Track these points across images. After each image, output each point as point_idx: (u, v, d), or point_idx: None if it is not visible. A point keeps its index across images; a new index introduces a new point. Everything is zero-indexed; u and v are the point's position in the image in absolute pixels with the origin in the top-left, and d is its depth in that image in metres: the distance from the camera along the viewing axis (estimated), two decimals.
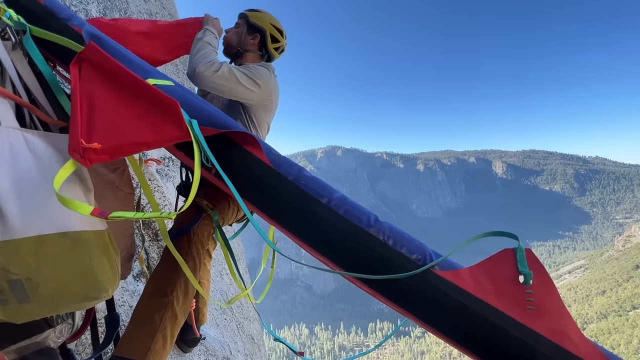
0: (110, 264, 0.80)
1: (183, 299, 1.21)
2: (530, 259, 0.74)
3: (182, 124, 0.80)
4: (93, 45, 0.83)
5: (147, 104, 0.81)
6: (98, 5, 2.48)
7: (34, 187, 0.68)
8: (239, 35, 1.76)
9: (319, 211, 0.85)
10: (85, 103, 0.78)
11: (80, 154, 0.71)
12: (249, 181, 0.89)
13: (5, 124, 0.69)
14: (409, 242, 0.83)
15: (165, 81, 0.97)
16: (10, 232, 0.64)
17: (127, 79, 0.83)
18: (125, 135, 0.78)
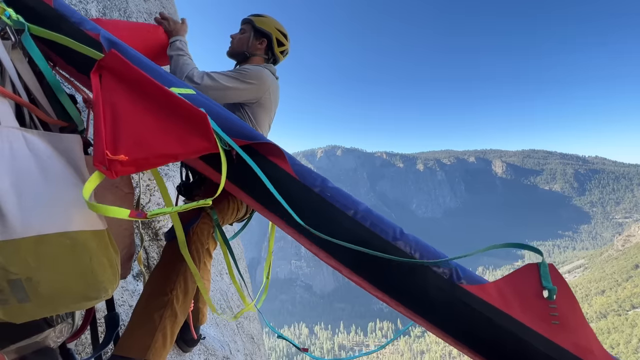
0: (110, 264, 0.80)
1: (183, 298, 1.21)
2: (554, 274, 0.74)
3: (210, 136, 0.79)
4: (115, 53, 0.82)
5: (174, 114, 0.80)
6: (97, 5, 2.48)
7: (34, 187, 0.68)
8: (245, 41, 1.80)
9: (346, 224, 0.84)
10: (109, 113, 0.77)
11: (106, 165, 0.71)
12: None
13: (5, 124, 0.69)
14: (434, 254, 0.84)
15: (188, 90, 0.96)
16: (10, 231, 0.64)
17: (152, 88, 0.82)
18: (152, 147, 0.77)
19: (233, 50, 1.83)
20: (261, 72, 1.64)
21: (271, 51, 1.84)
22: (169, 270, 1.22)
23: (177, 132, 0.79)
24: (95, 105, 0.77)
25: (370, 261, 0.83)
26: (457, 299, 0.77)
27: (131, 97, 0.81)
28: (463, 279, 0.80)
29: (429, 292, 0.79)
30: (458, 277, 0.80)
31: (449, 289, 0.78)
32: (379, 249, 0.82)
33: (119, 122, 0.77)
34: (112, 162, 0.72)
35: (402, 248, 0.82)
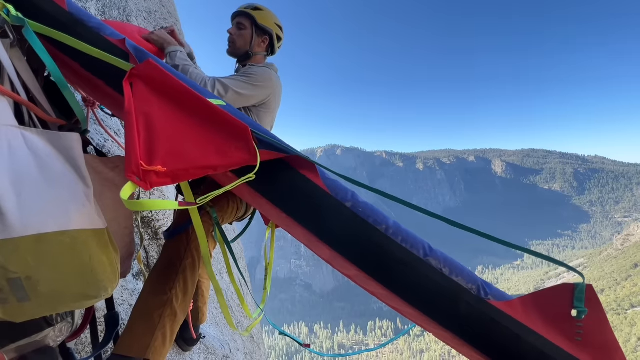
0: (109, 263, 0.79)
1: (182, 297, 1.20)
2: (590, 295, 0.75)
3: (252, 148, 0.78)
4: (152, 62, 0.80)
5: (214, 126, 0.79)
6: (97, 3, 2.47)
7: (33, 185, 0.68)
8: (248, 39, 1.73)
9: (378, 240, 0.85)
10: (142, 123, 0.75)
11: (140, 176, 0.69)
12: (306, 206, 0.89)
13: (4, 122, 0.69)
14: (462, 271, 0.85)
15: (218, 101, 0.95)
16: (10, 230, 0.63)
17: (190, 98, 0.80)
18: (191, 158, 0.75)
19: (235, 50, 1.77)
20: (269, 74, 1.64)
21: (272, 48, 1.82)
22: (168, 269, 1.21)
23: (217, 144, 0.78)
24: (128, 114, 0.74)
25: (403, 277, 0.84)
26: (485, 315, 0.79)
27: (166, 107, 0.79)
28: (490, 294, 0.81)
29: (460, 307, 0.80)
30: (485, 293, 0.82)
31: (477, 305, 0.80)
32: (411, 265, 0.83)
33: (153, 132, 0.75)
34: (147, 173, 0.70)
35: (434, 265, 0.84)
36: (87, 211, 0.75)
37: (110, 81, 0.95)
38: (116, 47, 0.95)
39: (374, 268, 0.86)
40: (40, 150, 0.71)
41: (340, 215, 0.87)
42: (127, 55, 0.93)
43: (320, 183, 0.89)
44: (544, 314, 0.77)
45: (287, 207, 0.90)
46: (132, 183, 0.69)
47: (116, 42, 0.96)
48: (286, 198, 0.89)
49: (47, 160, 0.71)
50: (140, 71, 0.80)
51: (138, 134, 0.73)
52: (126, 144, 0.72)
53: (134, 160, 0.69)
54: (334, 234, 0.87)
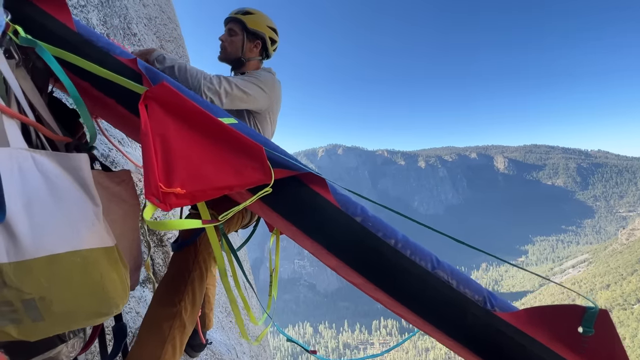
0: (120, 280, 0.81)
1: (191, 309, 1.21)
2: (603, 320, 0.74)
3: (267, 169, 0.80)
4: (166, 85, 0.81)
5: (230, 147, 0.81)
6: (98, 14, 2.49)
7: (44, 206, 0.69)
8: (239, 45, 1.70)
9: (387, 253, 0.86)
10: (159, 145, 0.76)
11: (160, 198, 0.70)
12: (317, 221, 0.90)
13: (14, 145, 0.70)
14: (469, 283, 0.87)
15: (230, 119, 0.96)
16: (23, 252, 0.65)
17: (204, 119, 0.81)
18: (209, 179, 0.77)
19: (227, 56, 1.73)
20: (272, 79, 1.62)
21: (266, 52, 1.78)
22: (176, 281, 1.22)
23: (233, 164, 0.80)
24: (144, 137, 0.76)
25: (411, 289, 0.86)
26: (491, 326, 0.81)
27: (182, 128, 0.80)
28: (496, 306, 0.84)
29: (467, 319, 0.82)
30: (492, 304, 0.84)
31: (484, 316, 0.82)
32: (420, 278, 0.86)
33: (171, 154, 0.76)
34: (167, 195, 0.71)
35: (441, 277, 0.86)
36: (96, 230, 0.77)
37: (122, 100, 0.96)
38: (127, 67, 0.96)
39: (383, 280, 0.89)
40: (50, 172, 0.72)
41: (351, 229, 0.88)
42: (139, 75, 0.94)
43: (331, 198, 0.91)
44: (549, 327, 0.78)
45: (298, 221, 0.92)
46: (152, 205, 0.70)
47: (127, 62, 0.97)
48: (297, 212, 0.91)
49: (57, 181, 0.73)
50: (155, 93, 0.81)
51: (155, 155, 0.74)
52: (144, 166, 0.74)
53: (153, 182, 0.70)
54: (344, 248, 0.89)
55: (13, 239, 0.63)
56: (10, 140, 0.70)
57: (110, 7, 2.90)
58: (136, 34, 3.57)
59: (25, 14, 0.92)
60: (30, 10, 0.92)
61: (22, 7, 0.92)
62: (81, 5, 2.18)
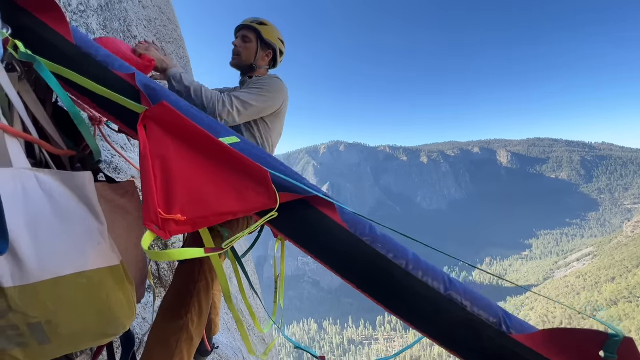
0: (126, 299, 0.80)
1: (198, 320, 1.21)
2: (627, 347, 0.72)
3: (272, 193, 0.77)
4: (166, 105, 0.79)
5: (232, 170, 0.78)
6: (98, 18, 2.47)
7: (49, 227, 0.68)
8: (253, 52, 1.76)
9: (399, 277, 0.85)
10: (158, 167, 0.74)
11: (159, 225, 0.67)
12: (325, 243, 0.88)
13: (17, 165, 0.69)
14: (483, 303, 0.85)
15: (233, 137, 0.93)
16: (28, 276, 0.64)
17: (205, 141, 0.78)
18: (210, 204, 0.74)
19: (241, 62, 1.78)
20: (280, 84, 1.68)
21: (274, 61, 1.86)
22: (182, 294, 1.21)
23: (236, 189, 0.76)
24: (143, 159, 0.73)
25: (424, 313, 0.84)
26: (507, 349, 0.79)
27: (183, 150, 0.77)
28: (512, 328, 0.82)
29: (482, 342, 0.80)
30: (507, 326, 0.82)
31: (499, 339, 0.80)
32: (432, 301, 0.83)
33: (171, 177, 0.73)
34: (166, 222, 0.68)
35: (455, 299, 0.84)
36: (101, 249, 0.76)
37: (121, 118, 0.95)
38: (125, 82, 0.93)
39: (394, 303, 0.87)
40: (54, 191, 0.71)
41: (360, 251, 0.86)
42: (137, 92, 0.91)
43: (339, 219, 0.89)
44: (567, 350, 0.76)
45: (306, 244, 0.91)
46: (150, 232, 0.68)
47: (125, 77, 0.94)
48: (304, 235, 0.90)
49: (61, 201, 0.72)
50: (154, 113, 0.78)
51: (155, 179, 0.72)
52: (143, 190, 0.71)
53: (152, 208, 0.68)
54: (353, 270, 0.88)
55: (18, 263, 0.63)
56: (12, 160, 0.69)
57: (110, 10, 2.88)
58: (136, 36, 3.56)
59: (24, 26, 0.90)
60: (29, 22, 0.91)
61: (20, 18, 0.90)
62: (81, 11, 2.17)
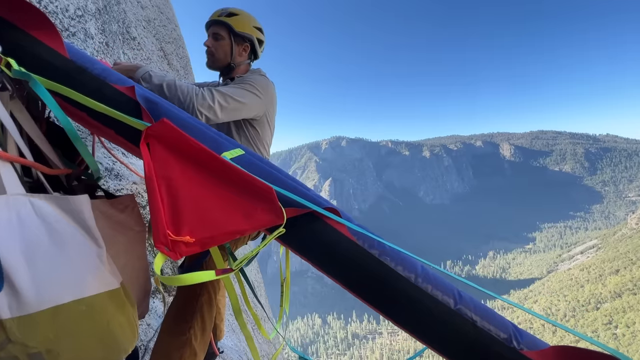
0: (128, 322, 0.79)
1: (201, 335, 1.20)
2: None
3: (279, 211, 0.77)
4: (167, 122, 0.78)
5: (238, 188, 0.77)
6: (96, 22, 2.44)
7: (46, 255, 0.67)
8: (227, 49, 1.59)
9: (409, 291, 0.83)
10: (164, 188, 0.74)
11: (169, 247, 0.68)
12: (334, 257, 0.86)
13: (11, 191, 0.68)
14: (494, 319, 0.83)
15: (237, 150, 0.91)
16: (26, 306, 0.63)
17: (209, 160, 0.78)
18: (219, 224, 0.74)
19: (216, 63, 1.62)
20: (265, 82, 1.55)
21: (254, 54, 1.69)
22: (185, 309, 1.20)
23: (242, 207, 0.76)
24: (149, 181, 0.73)
25: (433, 329, 0.83)
26: None
27: (187, 169, 0.77)
28: (523, 344, 0.80)
29: (491, 358, 0.79)
30: (518, 342, 0.81)
31: (510, 356, 0.79)
32: (442, 316, 0.82)
33: (178, 198, 0.73)
34: (176, 243, 0.69)
35: (465, 314, 0.82)
36: (100, 274, 0.75)
37: (121, 132, 0.93)
38: (124, 96, 0.91)
39: (403, 318, 0.86)
40: (50, 217, 0.70)
41: (368, 265, 0.85)
42: (137, 106, 0.89)
43: (347, 232, 0.87)
44: None
45: (313, 257, 0.89)
46: (162, 254, 0.69)
47: (124, 91, 0.92)
48: (313, 249, 0.88)
49: (57, 227, 0.70)
50: (156, 131, 0.78)
51: (162, 201, 0.72)
52: (151, 212, 0.71)
53: (161, 230, 0.69)
54: (362, 284, 0.86)
55: (15, 293, 0.61)
56: (6, 187, 0.67)
57: (108, 13, 2.85)
58: (135, 37, 3.53)
59: (17, 43, 0.88)
60: (22, 39, 0.88)
61: (12, 35, 0.88)
62: (78, 16, 2.14)
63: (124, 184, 2.13)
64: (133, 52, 3.40)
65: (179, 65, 5.13)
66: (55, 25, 0.90)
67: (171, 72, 4.65)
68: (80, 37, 2.09)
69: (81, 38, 2.10)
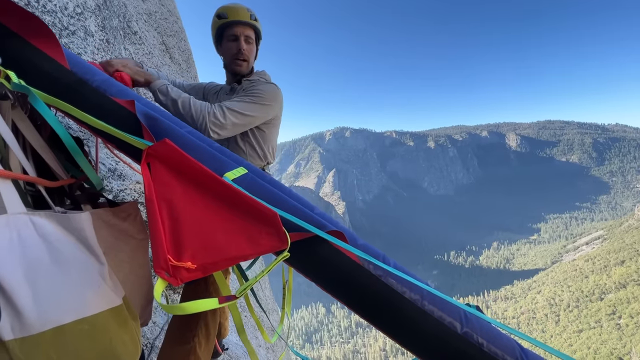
0: (131, 338, 0.79)
1: (205, 343, 1.20)
2: None
3: (281, 234, 0.76)
4: (168, 143, 0.76)
5: (241, 212, 0.76)
6: (96, 19, 2.40)
7: (47, 275, 0.67)
8: (254, 54, 1.62)
9: (414, 316, 0.82)
10: (165, 211, 0.72)
11: (170, 272, 0.68)
12: (339, 280, 0.85)
13: (12, 210, 0.67)
14: (500, 342, 0.82)
15: (240, 169, 0.89)
16: (28, 327, 0.62)
17: (210, 181, 0.76)
18: (222, 250, 0.73)
19: (247, 69, 1.62)
20: (275, 91, 1.56)
21: None
22: (189, 317, 1.20)
23: (246, 232, 0.75)
24: (149, 203, 0.72)
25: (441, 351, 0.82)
26: None
27: (189, 191, 0.75)
28: None
29: None
30: None
31: None
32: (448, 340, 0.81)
33: (179, 222, 0.72)
34: (177, 269, 0.68)
35: (471, 338, 0.81)
36: (102, 291, 0.74)
37: (121, 147, 0.92)
38: (124, 110, 0.89)
39: (408, 341, 0.85)
40: (51, 235, 0.70)
41: (373, 287, 0.84)
42: (138, 121, 0.88)
43: (352, 255, 0.86)
44: None
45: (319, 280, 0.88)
46: (162, 280, 0.68)
47: (125, 104, 0.90)
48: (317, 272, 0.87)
49: (59, 246, 0.70)
50: (157, 151, 0.76)
51: (163, 224, 0.71)
52: (151, 236, 0.71)
53: (162, 255, 0.68)
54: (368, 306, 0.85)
55: (17, 314, 0.61)
56: (7, 206, 0.67)
57: (108, 8, 2.81)
58: (136, 31, 3.49)
59: (17, 53, 0.86)
60: (23, 48, 0.87)
61: (14, 44, 0.86)
62: (78, 14, 2.11)
63: (127, 184, 2.14)
64: (134, 46, 3.37)
65: (181, 59, 5.08)
66: (54, 34, 0.89)
67: (173, 66, 4.61)
68: (80, 36, 2.06)
69: (81, 36, 2.07)
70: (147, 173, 0.74)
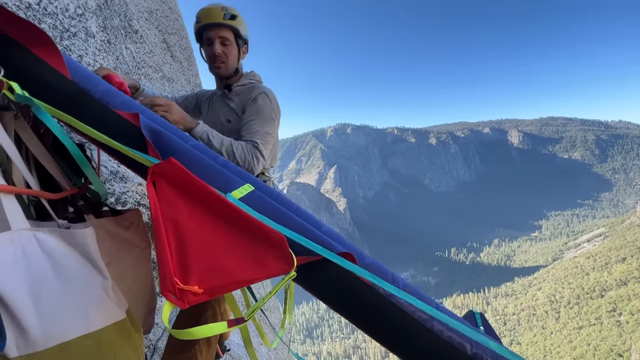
0: (134, 351, 0.79)
1: (206, 350, 1.20)
2: None
3: (289, 258, 0.75)
4: (173, 162, 0.75)
5: (247, 235, 0.75)
6: (97, 19, 2.39)
7: (52, 291, 0.67)
8: (235, 54, 1.55)
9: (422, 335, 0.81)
10: (172, 232, 0.72)
11: (177, 295, 0.68)
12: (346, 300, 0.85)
13: (15, 226, 0.67)
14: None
15: (246, 187, 0.88)
16: (33, 344, 0.62)
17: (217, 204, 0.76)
18: (229, 273, 0.73)
19: (228, 71, 1.57)
20: (275, 100, 1.57)
21: None
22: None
23: (253, 255, 0.75)
24: (155, 222, 0.71)
25: None
26: None
27: (194, 212, 0.75)
28: None
29: None
30: None
31: None
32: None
33: (185, 243, 0.72)
34: (184, 292, 0.68)
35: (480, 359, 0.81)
36: (106, 306, 0.75)
37: (124, 162, 0.91)
38: (128, 123, 0.88)
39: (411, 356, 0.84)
40: (55, 251, 0.70)
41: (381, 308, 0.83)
42: (141, 134, 0.86)
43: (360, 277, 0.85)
44: None
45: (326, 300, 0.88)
46: (169, 302, 0.68)
47: (129, 118, 0.88)
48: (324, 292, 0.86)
49: (62, 262, 0.70)
50: (163, 170, 0.76)
51: (169, 246, 0.71)
52: (158, 258, 0.71)
53: (169, 278, 0.68)
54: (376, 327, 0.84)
55: (22, 331, 0.61)
56: (10, 222, 0.66)
57: (109, 7, 2.79)
58: (137, 30, 3.47)
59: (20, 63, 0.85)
60: (26, 58, 0.86)
61: (16, 54, 0.85)
62: (79, 15, 2.09)
63: (129, 186, 2.14)
64: (135, 45, 3.35)
65: (182, 57, 5.06)
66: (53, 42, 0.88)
67: (174, 64, 4.59)
68: (81, 37, 2.05)
69: (82, 38, 2.06)
70: (153, 192, 0.74)
